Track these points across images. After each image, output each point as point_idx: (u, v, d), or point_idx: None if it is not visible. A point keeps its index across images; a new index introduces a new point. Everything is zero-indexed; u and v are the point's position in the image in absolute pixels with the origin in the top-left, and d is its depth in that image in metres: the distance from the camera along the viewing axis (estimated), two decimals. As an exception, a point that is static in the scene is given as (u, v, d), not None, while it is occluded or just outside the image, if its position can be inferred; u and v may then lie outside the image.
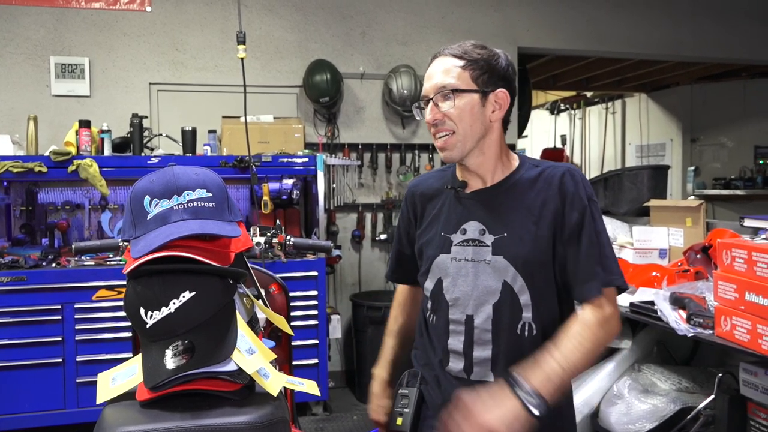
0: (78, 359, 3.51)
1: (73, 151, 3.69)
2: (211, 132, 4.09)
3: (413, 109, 1.56)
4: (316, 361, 3.86)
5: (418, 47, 4.85)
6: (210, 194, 1.24)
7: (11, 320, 3.42)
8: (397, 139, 4.87)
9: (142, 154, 3.82)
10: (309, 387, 1.28)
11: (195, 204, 1.21)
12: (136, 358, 1.20)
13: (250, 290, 1.45)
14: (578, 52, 5.51)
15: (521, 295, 1.43)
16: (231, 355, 1.14)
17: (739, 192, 7.06)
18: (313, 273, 3.84)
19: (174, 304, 1.12)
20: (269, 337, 1.65)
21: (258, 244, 2.04)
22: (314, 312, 3.85)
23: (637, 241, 3.49)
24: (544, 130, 9.61)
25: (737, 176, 7.23)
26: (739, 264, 2.23)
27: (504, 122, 1.51)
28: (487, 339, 1.44)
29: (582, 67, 6.86)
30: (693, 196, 6.71)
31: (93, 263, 3.63)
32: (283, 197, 4.27)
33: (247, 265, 1.48)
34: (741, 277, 2.21)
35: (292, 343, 1.93)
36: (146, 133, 4.00)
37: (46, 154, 3.62)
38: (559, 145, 8.90)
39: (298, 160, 3.98)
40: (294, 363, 1.93)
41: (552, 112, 9.34)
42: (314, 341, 3.85)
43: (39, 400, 3.47)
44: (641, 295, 2.88)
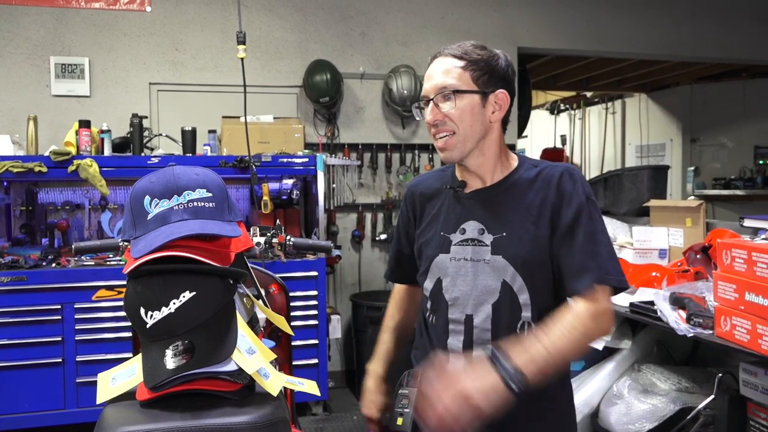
0: (78, 359, 3.51)
1: (73, 151, 3.69)
2: (211, 132, 4.09)
3: (413, 109, 1.57)
4: (316, 361, 3.86)
5: (418, 47, 4.85)
6: (210, 194, 1.24)
7: (11, 320, 3.42)
8: (397, 139, 4.87)
9: (142, 154, 3.82)
10: (309, 387, 1.28)
11: (195, 204, 1.21)
12: (136, 358, 1.20)
13: (250, 290, 1.45)
14: (578, 52, 5.51)
15: (520, 295, 1.43)
16: (231, 355, 1.14)
17: (738, 192, 7.06)
18: (313, 273, 3.84)
19: (174, 304, 1.12)
20: (269, 337, 1.64)
21: (258, 244, 2.04)
22: (314, 312, 3.85)
23: (637, 242, 3.50)
24: (544, 130, 9.61)
25: (737, 176, 7.23)
26: (738, 264, 2.23)
27: (503, 122, 1.52)
28: (486, 338, 1.44)
29: (582, 67, 6.86)
30: (693, 197, 6.71)
31: (93, 263, 3.63)
32: (283, 197, 4.27)
33: (247, 265, 1.48)
34: (741, 278, 2.21)
35: (292, 343, 1.93)
36: (146, 133, 4.01)
37: (46, 154, 3.62)
38: (558, 145, 8.89)
39: (298, 160, 3.99)
40: (294, 363, 1.93)
41: (552, 112, 9.34)
42: (314, 341, 3.86)
43: (39, 400, 3.47)
44: (641, 295, 2.88)
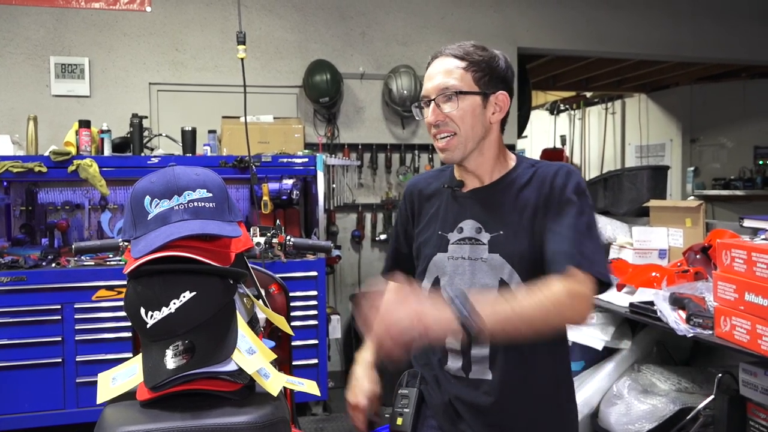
0: (78, 359, 3.51)
1: (73, 151, 3.69)
2: (211, 132, 4.08)
3: (413, 109, 1.57)
4: (315, 361, 3.86)
5: (418, 47, 4.85)
6: (210, 194, 1.24)
7: (11, 320, 3.42)
8: (397, 140, 4.87)
9: (142, 154, 3.82)
10: (309, 387, 1.28)
11: (195, 204, 1.22)
12: (137, 358, 1.20)
13: (250, 290, 1.46)
14: (578, 52, 5.51)
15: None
16: (231, 355, 1.14)
17: (738, 192, 7.06)
18: (313, 273, 3.84)
19: (174, 304, 1.12)
20: (269, 337, 1.64)
21: (258, 244, 2.04)
22: (314, 312, 3.85)
23: (637, 242, 3.50)
24: (543, 131, 9.62)
25: (737, 177, 7.23)
26: (738, 264, 2.23)
27: (502, 123, 1.53)
28: (484, 337, 1.44)
29: (582, 68, 6.86)
30: (692, 197, 6.72)
31: (93, 263, 3.63)
32: (283, 197, 4.26)
33: (248, 265, 1.48)
34: (740, 278, 2.21)
35: (292, 343, 1.93)
36: (146, 133, 4.00)
37: (46, 154, 3.62)
38: (558, 145, 8.90)
39: (297, 161, 3.98)
40: (294, 363, 1.93)
41: (552, 113, 9.34)
42: (314, 341, 3.86)
43: (39, 400, 3.47)
44: (641, 295, 2.88)
